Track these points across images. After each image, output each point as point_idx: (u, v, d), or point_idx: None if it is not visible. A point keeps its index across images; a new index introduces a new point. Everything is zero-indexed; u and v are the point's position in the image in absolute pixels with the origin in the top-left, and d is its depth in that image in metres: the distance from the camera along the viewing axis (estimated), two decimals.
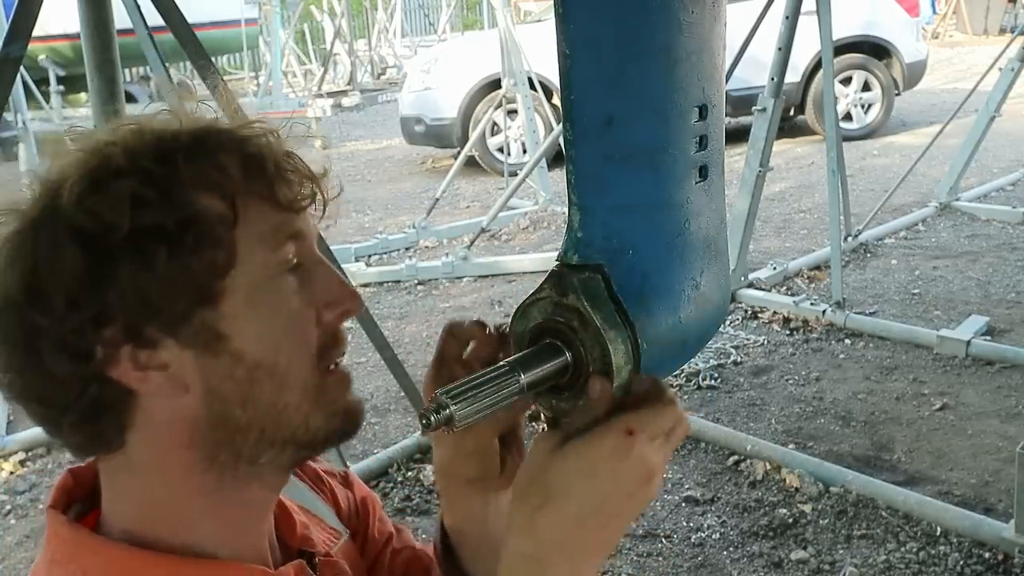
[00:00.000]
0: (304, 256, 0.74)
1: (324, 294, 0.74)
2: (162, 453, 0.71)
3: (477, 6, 21.54)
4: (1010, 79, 5.66)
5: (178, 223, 0.66)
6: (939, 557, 2.69)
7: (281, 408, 0.71)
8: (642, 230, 0.68)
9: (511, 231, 6.57)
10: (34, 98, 6.47)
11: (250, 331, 0.69)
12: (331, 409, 0.75)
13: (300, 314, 0.72)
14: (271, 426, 0.71)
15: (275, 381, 0.70)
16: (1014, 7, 16.97)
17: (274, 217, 0.71)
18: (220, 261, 0.68)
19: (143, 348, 0.67)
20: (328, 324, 0.74)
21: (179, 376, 0.68)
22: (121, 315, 0.66)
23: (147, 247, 0.65)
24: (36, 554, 2.96)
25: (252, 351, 0.69)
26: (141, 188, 0.65)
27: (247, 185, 0.70)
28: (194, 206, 0.67)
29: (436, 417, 0.62)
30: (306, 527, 0.84)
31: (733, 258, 4.62)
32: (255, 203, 0.70)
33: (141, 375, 0.67)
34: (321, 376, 0.74)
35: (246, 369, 0.69)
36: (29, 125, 5.72)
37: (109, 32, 2.26)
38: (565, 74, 0.64)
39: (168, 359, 0.68)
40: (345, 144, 10.98)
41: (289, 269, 0.72)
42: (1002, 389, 3.69)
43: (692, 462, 3.32)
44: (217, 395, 0.69)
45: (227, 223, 0.68)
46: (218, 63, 11.74)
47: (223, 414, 0.70)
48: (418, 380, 3.69)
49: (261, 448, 0.72)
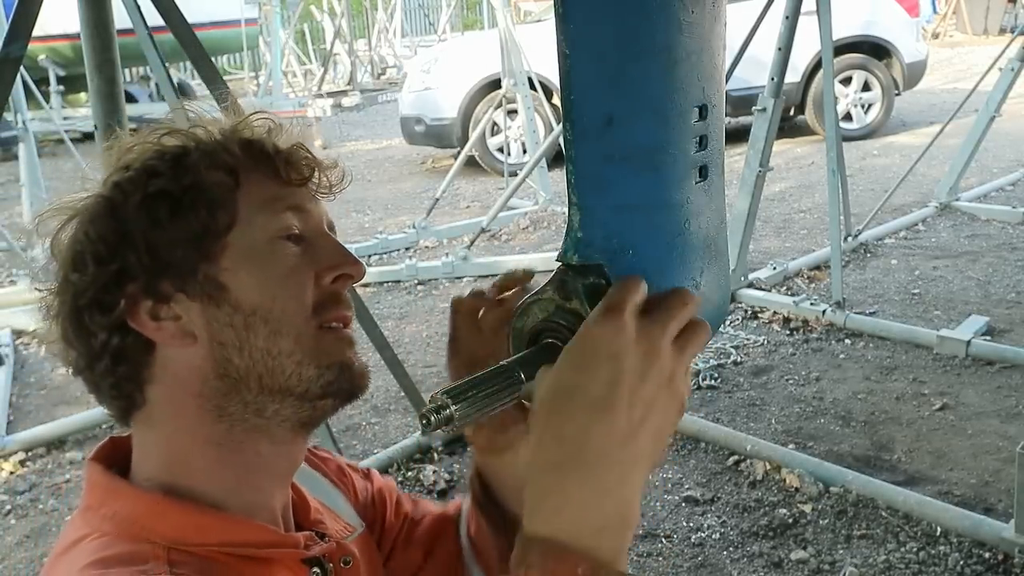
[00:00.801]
0: (308, 229, 0.82)
1: (325, 259, 0.81)
2: (177, 405, 0.79)
3: (477, 6, 21.55)
4: (1010, 79, 5.66)
5: (183, 188, 0.77)
6: (939, 557, 2.69)
7: (275, 354, 0.78)
8: (642, 230, 0.68)
9: (511, 231, 6.58)
10: (34, 98, 6.46)
11: (248, 282, 0.78)
12: (324, 361, 0.79)
13: (297, 271, 0.79)
14: (267, 373, 0.78)
15: (269, 327, 0.78)
16: (1014, 7, 16.98)
17: (274, 188, 0.81)
18: (221, 220, 0.78)
19: (159, 302, 0.77)
20: (327, 285, 0.81)
21: (188, 326, 0.77)
22: (140, 272, 0.77)
23: (155, 208, 0.77)
24: (36, 554, 2.96)
25: (249, 299, 0.77)
26: (154, 160, 0.79)
27: (251, 162, 0.81)
28: (199, 176, 0.78)
29: (436, 417, 0.62)
30: (320, 513, 0.89)
31: (733, 258, 4.62)
32: (257, 176, 0.81)
33: (157, 326, 0.77)
34: (315, 329, 0.79)
35: (243, 316, 0.77)
36: (29, 125, 5.73)
37: (109, 32, 2.26)
38: (565, 74, 0.64)
39: (179, 311, 0.77)
40: (345, 144, 10.98)
41: (290, 237, 0.80)
42: (1002, 389, 3.70)
43: (692, 462, 3.32)
44: (219, 342, 0.78)
45: (229, 188, 0.79)
46: (218, 63, 11.74)
47: (225, 361, 0.78)
48: (418, 380, 3.69)
49: (263, 398, 0.78)
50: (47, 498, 3.41)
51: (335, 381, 0.80)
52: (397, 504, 1.03)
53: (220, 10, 11.79)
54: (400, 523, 1.02)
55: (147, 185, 0.78)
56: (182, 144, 0.81)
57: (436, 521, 1.02)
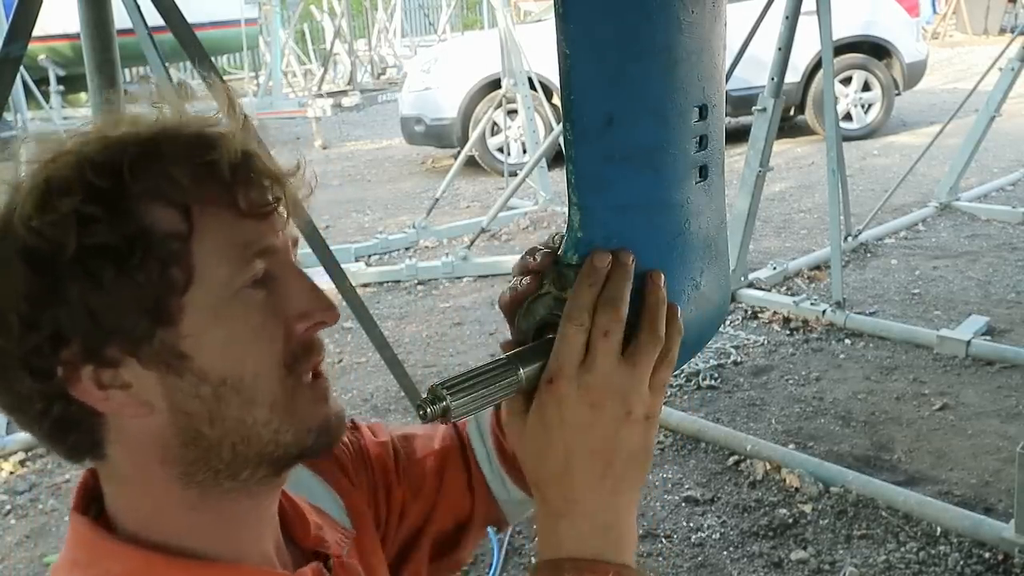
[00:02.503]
0: (274, 265, 0.70)
1: (296, 305, 0.71)
2: (141, 468, 0.70)
3: (477, 6, 21.53)
4: (1010, 79, 5.65)
5: (126, 240, 0.64)
6: (939, 557, 2.69)
7: (250, 423, 0.69)
8: (642, 230, 0.68)
9: (511, 231, 6.57)
10: (34, 98, 6.48)
11: (213, 349, 0.67)
12: (302, 425, 0.71)
13: (266, 328, 0.69)
14: (241, 443, 0.69)
15: (241, 397, 0.68)
16: (1014, 7, 16.97)
17: (235, 226, 0.68)
18: (176, 278, 0.65)
19: (104, 368, 0.66)
20: (299, 335, 0.71)
21: (143, 396, 0.67)
22: (78, 335, 0.65)
23: (95, 266, 0.63)
24: (36, 554, 2.96)
25: (216, 368, 0.67)
26: (86, 206, 0.63)
27: (203, 193, 0.67)
28: (143, 221, 0.65)
29: (432, 408, 0.63)
30: (320, 528, 0.84)
31: (733, 258, 4.62)
32: (213, 212, 0.67)
33: (103, 395, 0.66)
34: (291, 390, 0.70)
35: (211, 387, 0.67)
36: (29, 125, 5.73)
37: (109, 32, 2.25)
38: (565, 74, 0.64)
39: (130, 379, 0.66)
40: (345, 144, 10.98)
41: (256, 281, 0.69)
42: (1002, 389, 3.69)
43: (692, 462, 3.32)
44: (183, 413, 0.68)
45: (181, 237, 0.65)
46: (218, 63, 11.76)
47: (192, 432, 0.68)
48: (418, 380, 3.69)
49: (236, 466, 0.70)
50: (47, 498, 3.41)
51: (314, 443, 0.73)
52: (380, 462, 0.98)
53: (220, 10, 11.79)
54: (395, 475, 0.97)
55: (80, 235, 0.63)
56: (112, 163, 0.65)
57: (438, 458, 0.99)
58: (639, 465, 0.68)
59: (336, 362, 4.49)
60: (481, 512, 0.99)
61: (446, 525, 0.98)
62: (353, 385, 4.23)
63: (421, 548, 0.97)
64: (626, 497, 0.67)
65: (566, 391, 0.65)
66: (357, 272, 5.58)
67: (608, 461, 0.66)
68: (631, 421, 0.66)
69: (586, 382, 0.65)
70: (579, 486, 0.66)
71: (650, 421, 0.67)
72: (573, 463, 0.65)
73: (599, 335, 0.65)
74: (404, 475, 0.97)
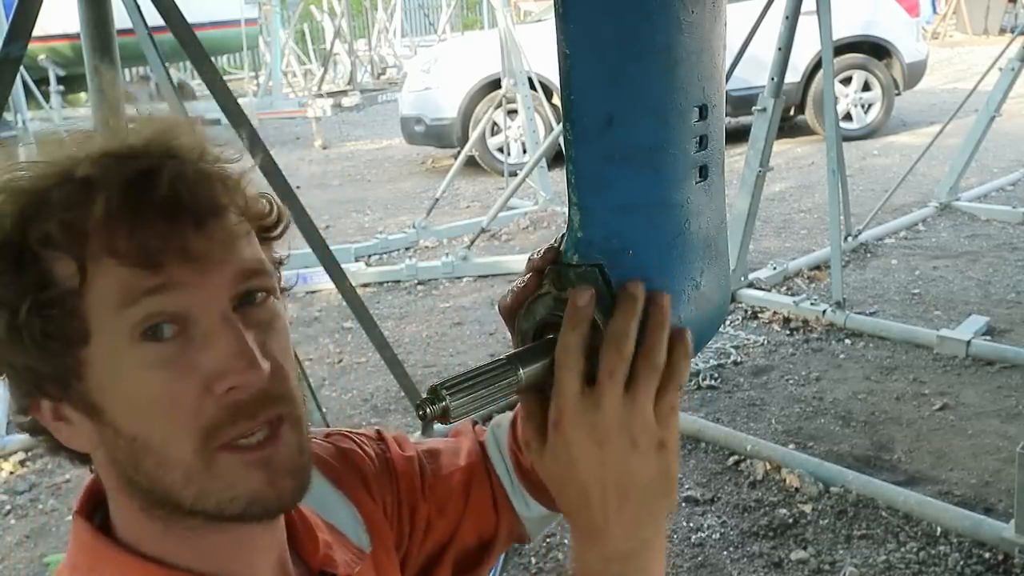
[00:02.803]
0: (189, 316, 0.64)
1: (211, 363, 0.64)
2: (112, 491, 0.71)
3: (477, 6, 21.53)
4: (1010, 79, 5.65)
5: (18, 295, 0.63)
6: (939, 557, 2.69)
7: (168, 485, 0.66)
8: (642, 230, 0.68)
9: (511, 231, 6.57)
10: (34, 98, 6.47)
11: (119, 405, 0.65)
12: (226, 495, 0.66)
13: (173, 387, 0.64)
14: (168, 497, 0.67)
15: (153, 458, 0.65)
16: (1014, 7, 16.97)
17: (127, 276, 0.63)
18: (73, 333, 0.63)
19: (52, 402, 0.67)
20: (222, 397, 0.64)
21: (81, 434, 0.68)
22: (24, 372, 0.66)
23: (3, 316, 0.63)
24: (36, 554, 2.96)
25: (126, 425, 0.65)
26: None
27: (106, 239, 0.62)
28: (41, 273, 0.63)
29: (432, 408, 0.63)
30: (329, 547, 0.81)
31: (733, 258, 4.62)
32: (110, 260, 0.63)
33: (56, 426, 0.68)
34: (210, 457, 0.65)
35: (126, 441, 0.66)
36: (29, 125, 5.74)
37: (109, 32, 2.25)
38: (565, 74, 0.64)
39: (71, 416, 0.67)
40: (345, 144, 10.97)
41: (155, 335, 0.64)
42: (1002, 389, 3.69)
43: (692, 462, 3.32)
44: (113, 459, 0.68)
45: (73, 291, 0.63)
46: (218, 63, 11.74)
47: (126, 476, 0.68)
48: (418, 380, 3.69)
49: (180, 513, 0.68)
50: (47, 498, 3.41)
51: (245, 511, 0.67)
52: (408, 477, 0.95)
53: (220, 10, 11.78)
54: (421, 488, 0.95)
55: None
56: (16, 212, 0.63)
57: (465, 474, 0.96)
58: (660, 494, 0.67)
59: (336, 362, 4.49)
60: (505, 529, 0.98)
61: (470, 542, 0.96)
62: (353, 385, 4.23)
63: (444, 565, 0.95)
64: (649, 527, 0.67)
65: (571, 433, 0.65)
66: (357, 272, 5.58)
67: (623, 494, 0.65)
68: (640, 452, 0.65)
69: (591, 422, 0.64)
70: (599, 518, 0.66)
71: (665, 449, 0.66)
72: (590, 498, 0.66)
73: (605, 375, 0.63)
74: (430, 492, 0.95)
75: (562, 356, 0.64)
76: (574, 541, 0.69)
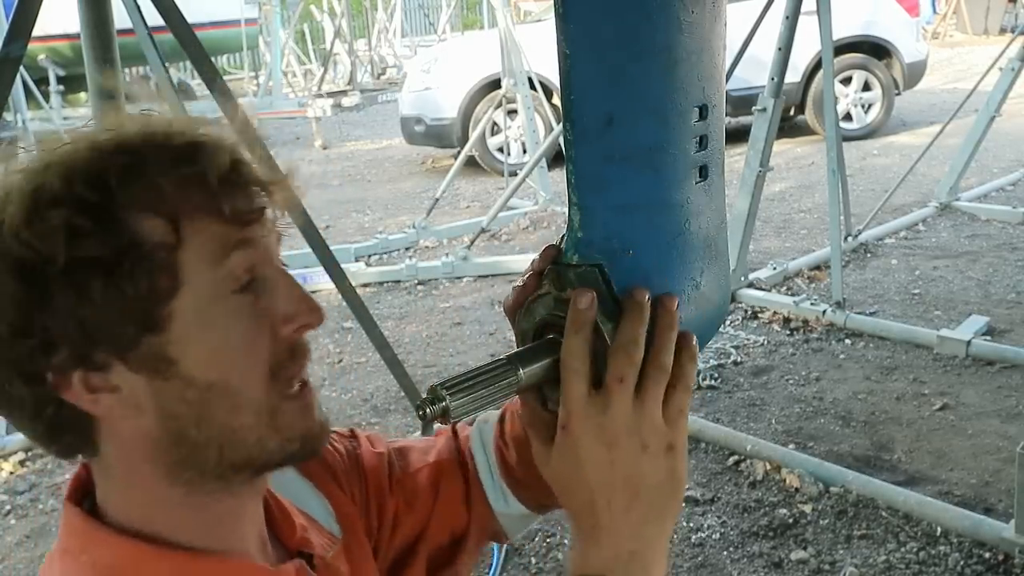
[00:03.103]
0: (260, 269, 0.71)
1: (282, 308, 0.72)
2: (131, 466, 0.72)
3: (477, 6, 21.53)
4: (1010, 79, 5.65)
5: (115, 251, 0.65)
6: (939, 557, 2.69)
7: (236, 428, 0.70)
8: (642, 230, 0.68)
9: (511, 231, 6.57)
10: (34, 98, 6.48)
11: (200, 354, 0.69)
12: (286, 434, 0.73)
13: (252, 333, 0.70)
14: (227, 447, 0.71)
15: (228, 402, 0.70)
16: (1014, 7, 16.97)
17: (221, 233, 0.69)
18: (163, 287, 0.67)
19: (94, 372, 0.67)
20: (285, 338, 0.72)
21: (131, 398, 0.69)
22: (67, 342, 0.66)
23: (83, 277, 0.65)
24: (36, 554, 2.96)
25: (203, 373, 0.69)
26: (75, 217, 0.64)
27: (190, 201, 0.68)
28: (131, 232, 0.66)
29: (432, 408, 0.63)
30: (305, 530, 0.85)
31: (733, 258, 4.62)
32: (200, 220, 0.68)
33: (93, 398, 0.68)
34: (277, 399, 0.72)
35: (198, 391, 0.69)
36: (29, 125, 5.74)
37: (109, 32, 2.25)
38: (565, 74, 0.64)
39: (119, 382, 0.68)
40: (345, 144, 10.97)
41: (242, 286, 0.70)
42: (1002, 389, 3.69)
43: (692, 462, 3.32)
44: (171, 416, 0.69)
45: (169, 247, 0.67)
46: (218, 63, 11.74)
47: (179, 433, 0.70)
48: (418, 380, 3.69)
49: (222, 467, 0.72)
50: (47, 498, 3.41)
51: (298, 451, 0.74)
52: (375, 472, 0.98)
53: (220, 10, 11.79)
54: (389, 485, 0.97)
55: (69, 247, 0.64)
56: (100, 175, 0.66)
57: (433, 470, 0.98)
58: (668, 495, 0.68)
59: (336, 362, 4.49)
60: (478, 526, 0.99)
61: (442, 539, 0.97)
62: (353, 385, 4.23)
63: (417, 560, 0.97)
64: (655, 527, 0.68)
65: (580, 435, 0.66)
66: (357, 272, 5.58)
67: (633, 494, 0.67)
68: (650, 454, 0.67)
69: (599, 424, 0.66)
70: (605, 517, 0.67)
71: (673, 451, 0.68)
72: (597, 498, 0.67)
73: (614, 381, 0.65)
74: (398, 487, 0.97)
75: (567, 359, 0.66)
76: (577, 540, 0.69)
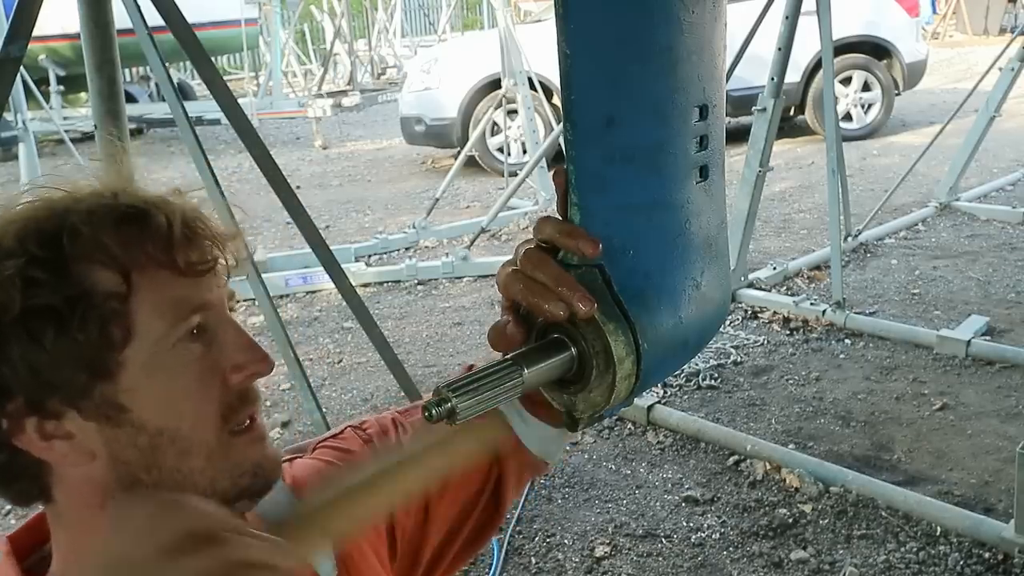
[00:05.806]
0: (210, 319, 0.74)
1: (231, 357, 0.74)
2: (82, 511, 0.72)
3: (477, 6, 21.53)
4: (1010, 79, 5.65)
5: (67, 300, 0.67)
6: (939, 557, 2.69)
7: (187, 472, 0.72)
8: (642, 230, 0.68)
9: (511, 231, 6.58)
10: (34, 98, 6.46)
11: (150, 401, 0.70)
12: (237, 471, 0.74)
13: (202, 381, 0.72)
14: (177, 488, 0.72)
15: (177, 447, 0.71)
16: (1014, 7, 16.97)
17: (172, 285, 0.71)
18: (115, 335, 0.69)
19: (47, 419, 0.69)
20: (234, 386, 0.74)
21: (84, 445, 0.70)
22: (21, 389, 0.67)
23: (36, 326, 0.66)
24: None
25: (153, 420, 0.70)
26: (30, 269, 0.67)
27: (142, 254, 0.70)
28: (83, 282, 0.68)
29: (438, 410, 0.63)
30: None
31: (733, 258, 4.62)
32: (152, 271, 0.71)
33: (46, 445, 0.69)
34: (227, 438, 0.73)
35: (148, 436, 0.70)
36: (29, 125, 5.73)
37: (109, 32, 2.25)
38: (565, 74, 0.64)
39: (72, 429, 0.69)
40: (345, 144, 10.97)
41: (192, 335, 0.72)
42: (1002, 389, 3.69)
43: (692, 462, 3.32)
44: (122, 461, 0.71)
45: (120, 297, 0.69)
46: (218, 63, 11.74)
47: (130, 478, 0.71)
48: (418, 380, 3.69)
49: None
50: None
51: (250, 485, 0.75)
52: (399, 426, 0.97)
53: (220, 10, 11.76)
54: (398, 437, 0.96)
55: (23, 297, 0.66)
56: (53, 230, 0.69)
57: None
58: None
59: (336, 362, 4.49)
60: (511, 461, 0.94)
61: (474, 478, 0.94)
62: (353, 385, 4.23)
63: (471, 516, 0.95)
64: None
65: None
66: (357, 272, 5.58)
67: None
68: None
69: None
70: None
71: None
72: None
73: None
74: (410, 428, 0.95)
75: None
76: None
